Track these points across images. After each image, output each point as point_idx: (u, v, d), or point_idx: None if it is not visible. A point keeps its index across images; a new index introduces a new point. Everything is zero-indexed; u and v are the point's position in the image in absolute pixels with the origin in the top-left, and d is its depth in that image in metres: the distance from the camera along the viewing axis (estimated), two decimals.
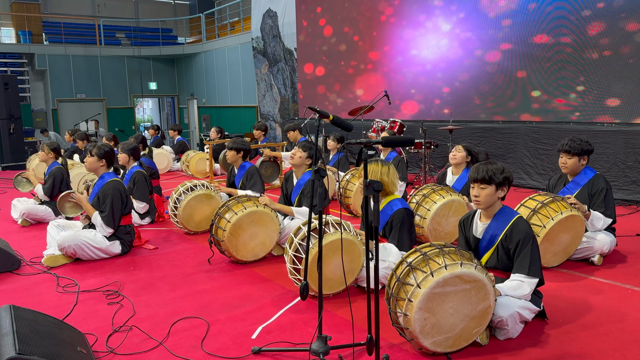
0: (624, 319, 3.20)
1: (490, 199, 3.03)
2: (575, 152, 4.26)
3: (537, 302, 3.05)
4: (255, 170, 5.40)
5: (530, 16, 7.68)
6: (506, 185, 3.04)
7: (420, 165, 8.90)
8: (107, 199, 4.60)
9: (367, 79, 10.67)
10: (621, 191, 6.66)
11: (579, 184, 4.34)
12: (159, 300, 3.70)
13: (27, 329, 2.51)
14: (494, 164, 3.06)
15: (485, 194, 3.02)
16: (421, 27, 9.40)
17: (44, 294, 3.87)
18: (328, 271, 3.52)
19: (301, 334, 3.09)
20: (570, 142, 4.29)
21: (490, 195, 3.02)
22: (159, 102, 20.59)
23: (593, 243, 4.18)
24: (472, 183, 3.08)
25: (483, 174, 3.01)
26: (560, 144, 4.38)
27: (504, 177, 3.01)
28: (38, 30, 17.76)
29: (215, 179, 8.86)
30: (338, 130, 9.43)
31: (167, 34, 20.28)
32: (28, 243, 5.29)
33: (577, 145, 4.26)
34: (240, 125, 15.67)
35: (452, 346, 2.74)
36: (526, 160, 7.85)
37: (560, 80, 7.44)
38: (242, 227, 4.35)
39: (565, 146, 4.31)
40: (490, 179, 2.99)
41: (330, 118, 2.81)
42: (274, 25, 13.42)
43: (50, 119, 16.83)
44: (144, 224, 5.95)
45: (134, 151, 5.91)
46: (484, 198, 3.03)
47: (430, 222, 4.48)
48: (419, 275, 2.66)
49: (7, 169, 11.52)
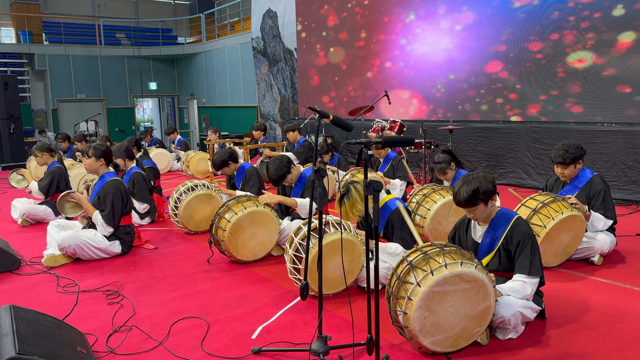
0: (624, 319, 3.20)
1: (485, 213, 3.01)
2: (569, 161, 4.24)
3: (538, 301, 3.05)
4: (254, 171, 5.40)
5: (531, 17, 7.68)
6: (493, 194, 2.97)
7: (420, 165, 8.90)
8: (108, 198, 4.60)
9: (367, 78, 10.67)
10: (621, 191, 6.66)
11: (577, 186, 4.33)
12: (159, 300, 3.70)
13: (27, 329, 2.51)
14: (469, 182, 2.92)
15: (478, 213, 2.99)
16: (421, 27, 9.40)
17: (44, 294, 3.86)
18: (328, 271, 3.52)
19: (301, 334, 3.08)
20: (562, 152, 4.24)
21: (483, 211, 2.99)
22: (159, 102, 20.58)
23: (593, 243, 4.18)
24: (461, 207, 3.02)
25: (465, 199, 2.91)
26: (552, 155, 4.33)
27: (484, 191, 2.91)
28: (38, 30, 17.76)
29: (215, 179, 8.86)
30: (338, 130, 9.45)
31: (167, 34, 20.28)
32: (28, 243, 5.29)
33: (569, 155, 4.22)
34: (240, 125, 15.67)
35: (452, 346, 2.74)
36: (526, 160, 7.85)
37: (561, 81, 7.43)
38: (242, 227, 4.35)
39: (559, 158, 4.26)
40: (472, 201, 2.92)
41: (330, 118, 2.80)
42: (274, 25, 13.42)
43: (50, 119, 16.82)
44: (144, 224, 5.95)
45: (127, 152, 5.89)
46: (480, 215, 3.02)
47: (431, 222, 4.48)
48: (419, 273, 2.66)
49: (7, 169, 11.52)
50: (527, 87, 7.87)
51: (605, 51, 6.89)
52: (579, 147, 4.25)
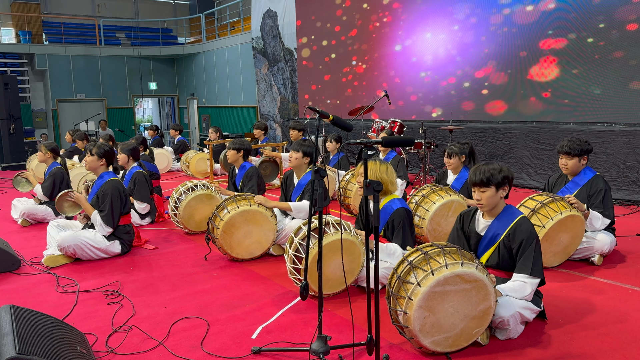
0: (624, 319, 3.20)
1: (492, 200, 3.03)
2: (575, 153, 4.25)
3: (537, 302, 3.05)
4: (255, 171, 5.40)
5: (534, 17, 7.68)
6: (507, 184, 3.03)
7: (420, 165, 8.90)
8: (107, 198, 4.60)
9: (367, 78, 10.67)
10: (621, 191, 6.66)
11: (578, 184, 4.33)
12: (159, 300, 3.70)
13: (27, 329, 2.51)
14: (491, 164, 3.05)
15: (486, 196, 3.02)
16: (421, 27, 9.41)
17: (44, 294, 3.86)
18: (328, 271, 3.52)
19: (301, 334, 3.08)
20: (570, 142, 4.27)
21: (492, 197, 3.02)
22: (159, 102, 20.59)
23: (593, 243, 4.18)
24: (472, 187, 3.08)
25: (480, 177, 3.00)
26: (559, 145, 4.36)
27: (502, 177, 2.99)
28: (38, 30, 17.76)
29: (215, 179, 8.86)
30: (338, 130, 9.44)
31: (167, 34, 20.28)
32: (28, 243, 5.29)
33: (576, 146, 4.24)
34: (240, 125, 15.67)
35: (452, 346, 2.74)
36: (526, 160, 7.85)
37: (562, 81, 7.44)
38: (235, 225, 4.37)
39: (565, 147, 4.29)
40: (488, 180, 2.98)
41: (330, 118, 2.80)
42: (274, 25, 13.42)
43: (50, 119, 16.82)
44: (144, 224, 5.95)
45: (133, 151, 5.90)
46: (486, 200, 3.03)
47: (429, 222, 4.48)
48: (419, 273, 2.66)
49: (7, 169, 11.52)
50: (527, 87, 7.86)
51: (612, 51, 6.89)
52: (587, 142, 4.29)
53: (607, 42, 6.86)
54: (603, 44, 6.91)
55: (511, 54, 7.98)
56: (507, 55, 8.05)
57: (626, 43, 6.68)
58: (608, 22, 6.82)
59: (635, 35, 6.58)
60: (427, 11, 9.30)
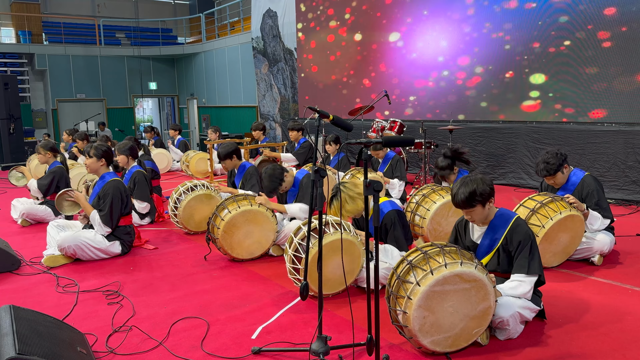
0: (624, 319, 3.20)
1: (482, 215, 3.00)
2: (553, 170, 4.21)
3: (537, 301, 3.05)
4: (255, 171, 5.41)
5: (532, 17, 7.68)
6: (490, 196, 2.96)
7: (420, 165, 8.90)
8: (107, 198, 4.60)
9: (367, 79, 10.67)
10: (621, 191, 6.66)
11: (569, 189, 4.32)
12: (159, 300, 3.70)
13: (27, 329, 2.51)
14: (467, 185, 2.92)
15: (475, 214, 2.99)
16: (422, 28, 9.40)
17: (44, 294, 3.86)
18: (328, 271, 3.52)
19: (301, 334, 3.09)
20: (544, 165, 4.21)
21: (481, 213, 2.98)
22: (159, 102, 20.59)
23: (593, 243, 4.18)
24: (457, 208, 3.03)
25: (462, 201, 2.92)
26: (536, 170, 4.32)
27: (481, 193, 2.90)
28: (38, 30, 17.76)
29: (215, 179, 8.86)
30: (337, 130, 9.44)
31: (167, 34, 20.28)
32: (28, 243, 5.29)
33: (551, 166, 4.19)
34: (240, 125, 15.67)
35: (452, 346, 2.74)
36: (526, 160, 7.85)
37: (562, 82, 7.43)
38: (236, 225, 4.37)
39: (543, 172, 4.24)
40: (469, 203, 2.92)
41: (330, 118, 2.80)
42: (274, 25, 13.42)
43: (50, 119, 16.83)
44: (144, 224, 5.95)
45: (131, 150, 5.89)
46: (477, 217, 3.01)
47: (430, 222, 4.48)
48: (419, 273, 2.67)
49: (7, 169, 11.52)
50: (528, 87, 7.86)
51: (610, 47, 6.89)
52: (557, 154, 4.21)
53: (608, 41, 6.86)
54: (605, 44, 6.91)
55: (511, 53, 7.98)
56: (507, 55, 8.05)
57: (628, 42, 6.67)
58: (610, 21, 6.82)
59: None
60: (429, 14, 9.30)
